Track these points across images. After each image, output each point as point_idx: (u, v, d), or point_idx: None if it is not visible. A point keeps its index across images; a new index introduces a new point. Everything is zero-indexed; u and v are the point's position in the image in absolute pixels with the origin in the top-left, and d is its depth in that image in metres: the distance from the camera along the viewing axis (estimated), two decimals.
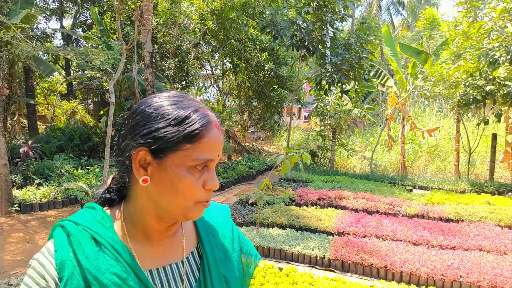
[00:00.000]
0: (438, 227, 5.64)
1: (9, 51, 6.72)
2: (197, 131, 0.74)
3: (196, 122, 0.75)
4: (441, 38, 12.50)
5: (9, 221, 6.24)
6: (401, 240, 5.14)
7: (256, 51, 13.42)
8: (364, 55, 9.10)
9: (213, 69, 16.91)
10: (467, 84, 8.54)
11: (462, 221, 6.14)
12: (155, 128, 0.74)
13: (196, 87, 15.73)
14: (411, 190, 8.72)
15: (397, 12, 32.94)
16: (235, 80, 15.44)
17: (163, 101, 0.77)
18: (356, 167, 12.15)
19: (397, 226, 5.60)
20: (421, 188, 9.17)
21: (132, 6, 11.76)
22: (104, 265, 0.74)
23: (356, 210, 6.69)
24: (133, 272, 0.76)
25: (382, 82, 11.24)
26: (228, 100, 17.65)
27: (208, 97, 18.31)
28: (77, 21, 17.39)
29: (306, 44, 9.01)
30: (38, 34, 15.13)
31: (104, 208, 0.85)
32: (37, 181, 7.85)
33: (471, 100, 8.39)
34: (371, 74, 10.35)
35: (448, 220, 6.28)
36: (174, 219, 0.80)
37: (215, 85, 17.28)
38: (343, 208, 6.85)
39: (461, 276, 3.99)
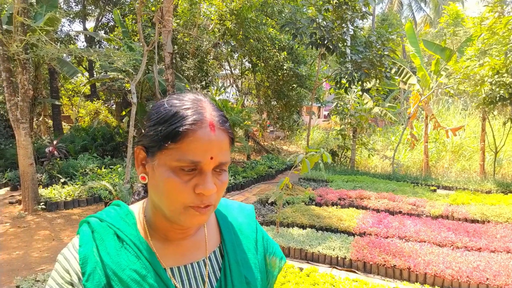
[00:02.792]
0: (463, 228, 5.50)
1: (34, 53, 6.92)
2: (180, 129, 0.70)
3: (181, 119, 0.71)
4: (465, 34, 12.16)
5: (36, 219, 6.42)
6: (424, 241, 5.03)
7: (275, 50, 13.40)
8: (386, 53, 8.95)
9: (232, 69, 16.97)
10: (493, 81, 8.28)
11: (488, 222, 5.97)
12: (147, 126, 0.76)
13: (215, 87, 15.83)
14: (435, 190, 8.54)
15: (419, 8, 32.29)
16: (254, 80, 15.45)
17: (166, 100, 0.77)
18: (377, 166, 11.96)
19: (420, 227, 5.49)
20: (445, 188, 8.96)
21: (153, 8, 11.93)
22: (125, 262, 0.75)
23: (378, 211, 6.58)
24: (153, 269, 0.76)
25: (404, 79, 11.03)
26: (247, 100, 17.68)
27: (227, 97, 18.39)
28: (100, 23, 17.76)
29: (325, 42, 8.94)
30: (62, 36, 15.53)
31: (132, 205, 0.87)
32: (62, 180, 8.06)
33: (497, 98, 8.14)
34: (393, 71, 10.17)
35: (473, 221, 6.11)
36: (174, 221, 0.77)
37: (234, 85, 17.35)
38: (365, 208, 6.76)
39: (487, 279, 3.87)
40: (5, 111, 10.84)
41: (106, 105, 19.37)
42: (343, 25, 9.04)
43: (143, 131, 0.77)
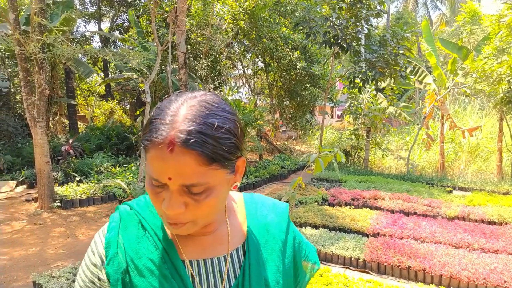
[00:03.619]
0: (480, 230, 5.39)
1: (51, 52, 7.04)
2: (143, 142, 0.67)
3: (149, 131, 0.66)
4: (482, 32, 11.93)
5: (51, 216, 6.53)
6: (440, 243, 4.94)
7: (288, 49, 13.35)
8: (401, 51, 8.83)
9: (245, 68, 16.99)
10: (511, 80, 8.10)
11: (506, 223, 5.84)
12: None
13: (228, 87, 15.86)
14: (450, 191, 8.39)
15: (434, 7, 31.82)
16: (267, 79, 15.43)
17: (163, 100, 0.73)
18: (391, 167, 11.82)
19: (436, 228, 5.40)
20: (461, 189, 8.80)
21: (167, 9, 12.01)
22: (143, 250, 0.77)
23: (392, 211, 6.50)
24: (170, 260, 0.77)
25: (419, 79, 10.87)
26: (260, 100, 17.67)
27: (240, 96, 18.42)
28: (115, 24, 17.99)
29: (339, 41, 8.86)
30: (78, 37, 15.76)
31: None
32: (77, 178, 8.18)
33: None
34: (408, 70, 10.02)
35: (490, 223, 5.99)
36: None
37: (246, 85, 17.36)
38: (378, 208, 6.68)
39: (505, 281, 3.78)
40: (22, 110, 11.06)
41: (121, 104, 19.61)
42: (358, 23, 8.94)
43: None
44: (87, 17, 17.39)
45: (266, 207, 0.90)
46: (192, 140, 0.63)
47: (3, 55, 10.43)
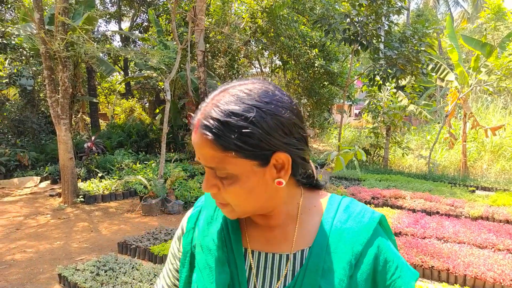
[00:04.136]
0: (505, 230, 5.25)
1: (75, 51, 7.19)
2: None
3: None
4: (506, 29, 11.61)
5: (75, 211, 6.68)
6: (464, 243, 4.84)
7: (306, 47, 13.28)
8: (422, 48, 8.67)
9: (262, 67, 16.98)
10: None
11: None
12: None
13: None
14: (473, 191, 8.21)
15: (456, 3, 31.11)
16: (284, 78, 15.39)
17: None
18: (411, 166, 11.64)
19: (459, 228, 5.29)
20: (484, 189, 8.60)
21: (186, 8, 12.11)
22: (211, 230, 0.81)
23: (414, 210, 6.40)
24: (231, 245, 0.78)
25: (441, 76, 10.66)
26: None
27: None
28: (134, 23, 18.24)
29: (359, 38, 8.76)
30: (99, 36, 16.06)
31: None
32: (99, 174, 8.35)
33: None
34: (429, 68, 9.84)
35: None
36: None
37: None
38: (400, 208, 6.59)
39: None
40: (46, 108, 11.34)
41: (140, 103, 19.89)
42: (378, 20, 8.83)
43: None
44: (107, 16, 17.69)
45: (348, 212, 0.79)
46: (205, 124, 0.66)
47: (27, 53, 10.70)
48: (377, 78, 9.48)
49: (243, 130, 0.65)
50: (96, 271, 3.76)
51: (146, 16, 17.24)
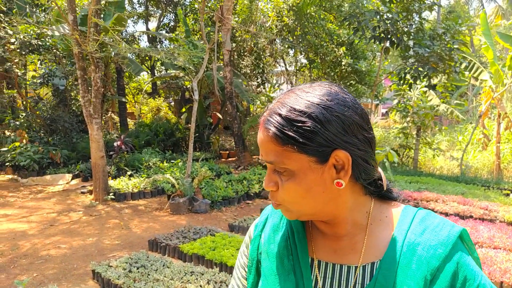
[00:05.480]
0: None
1: (108, 52, 7.34)
2: None
3: None
4: None
5: (106, 208, 6.83)
6: (500, 248, 4.65)
7: (333, 45, 13.11)
8: (455, 46, 8.40)
9: (287, 65, 16.89)
10: None
11: None
12: None
13: (269, 84, 15.85)
14: (508, 195, 7.89)
15: None
16: (310, 77, 15.25)
17: None
18: (442, 167, 11.28)
19: (494, 233, 5.08)
20: None
21: (212, 7, 12.19)
22: (277, 238, 0.82)
23: (446, 214, 6.20)
24: (297, 254, 0.78)
25: (475, 75, 10.29)
26: None
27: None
28: (161, 23, 18.51)
29: (389, 35, 8.57)
30: (127, 37, 16.39)
31: None
32: (129, 173, 8.51)
33: None
34: (463, 66, 9.52)
35: None
36: None
37: (288, 82, 17.26)
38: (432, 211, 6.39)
39: None
40: (77, 107, 11.66)
41: (166, 102, 20.19)
42: (409, 17, 8.60)
43: None
44: (135, 17, 18.02)
45: (425, 224, 0.73)
46: (268, 120, 0.70)
47: (60, 54, 11.03)
48: (408, 76, 9.24)
49: (302, 125, 0.67)
50: (128, 267, 3.83)
51: (173, 16, 17.47)
